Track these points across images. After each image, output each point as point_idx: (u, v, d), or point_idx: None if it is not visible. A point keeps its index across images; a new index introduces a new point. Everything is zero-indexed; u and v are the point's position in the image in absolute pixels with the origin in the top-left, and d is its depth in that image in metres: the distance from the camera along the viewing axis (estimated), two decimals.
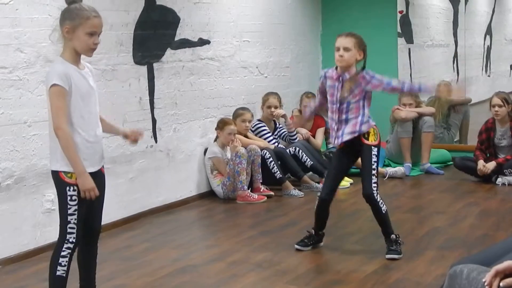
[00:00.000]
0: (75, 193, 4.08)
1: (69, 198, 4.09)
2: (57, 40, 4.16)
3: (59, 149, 4.04)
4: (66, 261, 4.12)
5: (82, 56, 4.16)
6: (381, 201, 5.59)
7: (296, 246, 5.84)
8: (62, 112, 3.99)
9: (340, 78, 5.54)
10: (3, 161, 5.57)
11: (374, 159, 5.58)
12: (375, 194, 5.54)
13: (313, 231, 5.87)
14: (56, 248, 4.15)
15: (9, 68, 5.59)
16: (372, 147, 5.58)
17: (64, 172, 4.08)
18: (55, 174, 4.12)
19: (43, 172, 5.81)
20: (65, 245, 4.12)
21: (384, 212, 5.61)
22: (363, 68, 5.59)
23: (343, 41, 5.51)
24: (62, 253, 4.12)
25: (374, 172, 5.57)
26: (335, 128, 5.61)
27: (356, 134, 5.56)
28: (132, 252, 5.87)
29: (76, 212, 4.10)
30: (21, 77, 5.68)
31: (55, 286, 4.16)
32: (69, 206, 4.09)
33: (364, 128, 5.56)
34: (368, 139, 5.60)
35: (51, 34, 4.25)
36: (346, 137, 5.57)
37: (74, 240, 4.12)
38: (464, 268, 3.02)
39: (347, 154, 5.69)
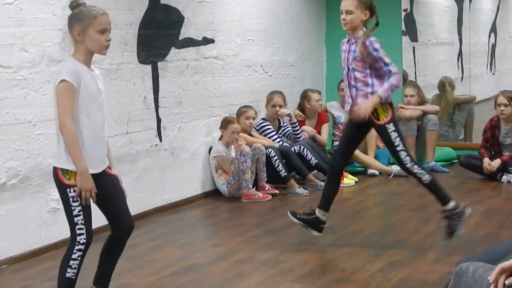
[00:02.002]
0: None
1: (71, 199, 4.08)
2: (69, 46, 4.18)
3: (63, 146, 4.05)
4: (77, 264, 4.12)
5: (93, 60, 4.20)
6: (419, 171, 5.47)
7: (288, 213, 5.85)
8: (68, 109, 3.99)
9: (349, 42, 5.50)
10: (8, 161, 5.57)
11: (394, 135, 5.44)
12: (410, 167, 5.46)
13: (311, 210, 5.82)
14: (67, 250, 4.15)
15: (13, 67, 5.59)
16: (386, 126, 5.46)
17: (62, 170, 4.07)
18: (54, 172, 4.11)
19: (48, 172, 5.81)
20: (76, 247, 4.11)
21: (427, 181, 5.49)
22: (376, 24, 5.52)
23: (344, 4, 5.45)
24: (73, 256, 4.11)
25: (400, 147, 5.44)
26: (347, 93, 5.56)
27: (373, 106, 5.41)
28: (137, 251, 5.87)
29: (81, 213, 4.09)
30: (26, 76, 5.69)
31: (63, 287, 4.17)
32: (73, 208, 4.09)
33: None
34: (378, 119, 5.47)
35: (61, 42, 4.27)
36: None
37: (84, 241, 4.11)
38: (470, 266, 3.02)
39: (358, 125, 5.56)
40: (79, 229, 4.10)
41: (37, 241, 5.83)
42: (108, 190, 4.20)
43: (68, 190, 4.07)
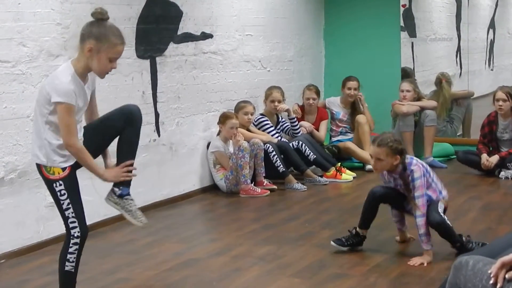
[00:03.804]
0: (62, 187, 4.08)
1: (58, 194, 4.09)
2: (74, 48, 4.13)
3: (41, 143, 4.04)
4: (74, 257, 4.15)
5: None
6: (448, 222, 5.42)
7: (332, 243, 5.61)
8: (72, 129, 3.97)
9: (394, 177, 5.47)
10: (6, 155, 5.57)
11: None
12: (444, 220, 5.39)
13: (354, 231, 5.65)
14: (64, 245, 4.18)
15: (12, 62, 5.59)
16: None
17: (45, 166, 4.08)
18: (38, 168, 4.13)
19: None
20: (72, 241, 4.13)
21: (449, 227, 5.41)
22: (404, 168, 5.38)
23: (375, 151, 5.36)
24: (70, 250, 4.14)
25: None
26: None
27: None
28: (135, 246, 5.88)
29: (70, 206, 4.10)
30: (24, 71, 5.68)
31: (64, 280, 4.21)
32: (61, 202, 4.10)
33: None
34: None
35: (68, 40, 4.23)
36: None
37: (79, 234, 4.13)
38: (470, 260, 3.02)
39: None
40: (71, 222, 4.12)
41: (35, 236, 5.82)
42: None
43: (54, 184, 4.08)
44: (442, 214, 5.37)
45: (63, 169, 4.08)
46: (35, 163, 4.15)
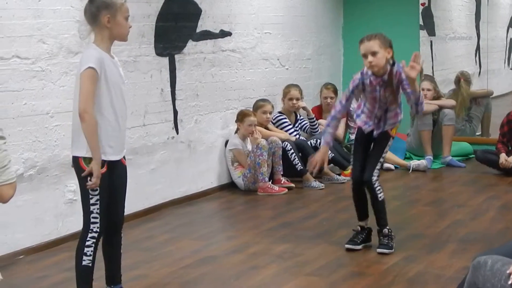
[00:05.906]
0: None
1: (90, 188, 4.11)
2: (86, 35, 4.20)
3: (82, 134, 4.06)
4: (91, 251, 4.16)
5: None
6: (379, 187, 5.52)
7: (347, 246, 5.62)
8: (91, 97, 4.02)
9: (382, 82, 5.36)
10: (26, 152, 5.60)
11: (387, 149, 5.54)
12: (373, 180, 5.47)
13: (359, 228, 5.70)
14: (80, 238, 4.19)
15: (32, 59, 5.62)
16: (391, 138, 5.53)
17: (84, 158, 4.10)
18: (76, 161, 4.14)
19: (65, 163, 5.84)
20: (89, 235, 4.15)
21: (380, 199, 5.55)
22: (393, 63, 5.37)
23: (368, 46, 5.28)
24: (87, 243, 4.15)
25: (381, 160, 5.53)
26: (375, 120, 5.47)
27: (396, 124, 5.50)
28: (153, 243, 5.90)
29: (98, 202, 4.13)
30: (44, 68, 5.71)
31: (81, 276, 4.20)
32: (91, 196, 4.12)
33: (400, 117, 5.50)
34: (391, 130, 5.51)
35: (79, 29, 4.29)
36: (387, 127, 5.49)
37: (98, 230, 4.16)
38: (488, 259, 3.02)
39: (367, 135, 5.57)
40: (93, 217, 4.15)
41: (53, 232, 5.86)
42: (116, 181, 4.26)
43: (89, 178, 4.09)
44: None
45: (102, 164, 4.11)
46: (72, 156, 4.18)
